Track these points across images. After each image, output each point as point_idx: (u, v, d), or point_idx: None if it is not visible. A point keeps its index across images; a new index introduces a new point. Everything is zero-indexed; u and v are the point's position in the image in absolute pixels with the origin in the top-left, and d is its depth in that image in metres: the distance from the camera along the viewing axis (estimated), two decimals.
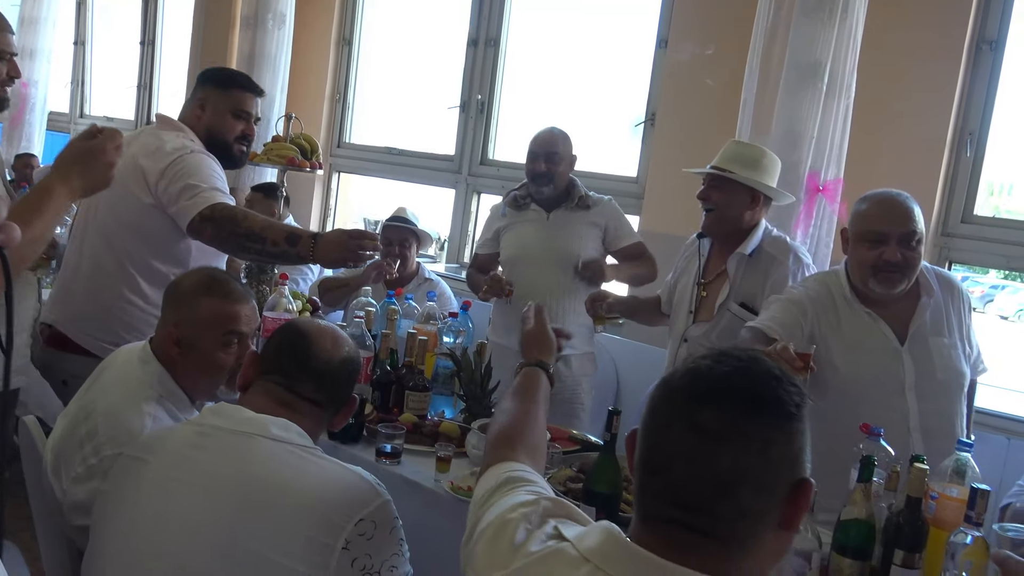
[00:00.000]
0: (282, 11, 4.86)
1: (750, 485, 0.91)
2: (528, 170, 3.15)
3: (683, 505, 0.93)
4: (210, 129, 2.49)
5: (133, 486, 1.45)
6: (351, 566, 1.33)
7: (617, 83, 4.12)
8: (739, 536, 0.92)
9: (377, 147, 5.00)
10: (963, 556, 1.50)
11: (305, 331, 1.57)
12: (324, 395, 1.53)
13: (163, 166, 2.31)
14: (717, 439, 0.92)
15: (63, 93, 7.03)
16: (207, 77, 2.58)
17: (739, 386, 0.94)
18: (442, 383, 2.49)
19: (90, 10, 6.91)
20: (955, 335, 2.20)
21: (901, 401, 2.14)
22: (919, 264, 2.15)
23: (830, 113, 2.92)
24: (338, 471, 1.42)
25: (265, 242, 2.24)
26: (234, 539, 1.32)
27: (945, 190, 3.07)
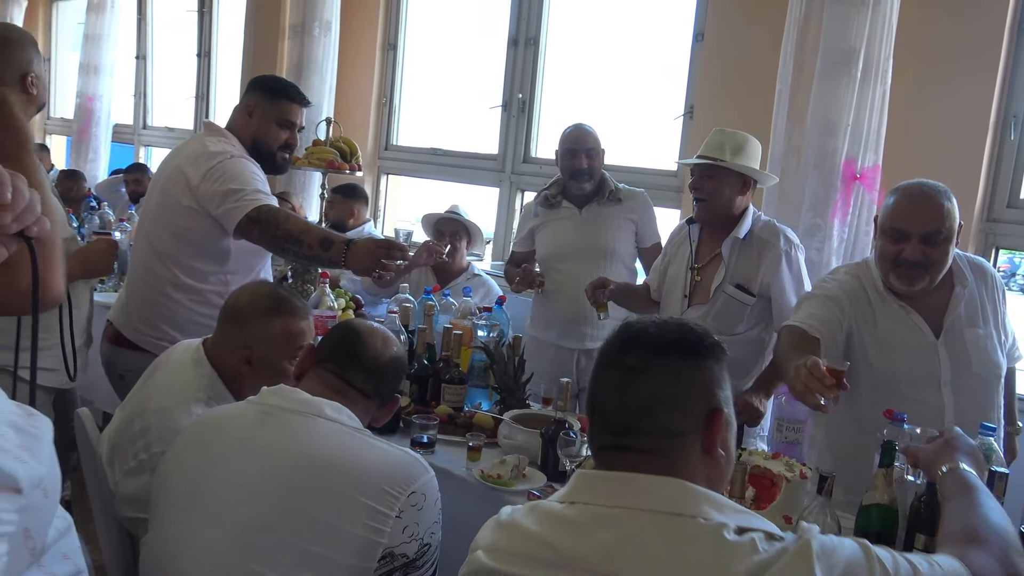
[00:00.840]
0: (328, 19, 4.98)
1: (665, 407, 1.12)
2: (566, 167, 3.20)
3: (615, 430, 1.15)
4: (256, 137, 2.58)
5: (196, 453, 1.57)
6: (402, 532, 1.47)
7: (656, 77, 4.13)
8: (662, 451, 1.12)
9: (423, 148, 5.09)
10: None
11: (359, 329, 1.73)
12: (372, 387, 1.68)
13: (204, 170, 2.41)
14: (637, 373, 1.14)
15: (127, 106, 7.31)
16: (257, 85, 2.66)
17: (654, 333, 1.17)
18: (477, 376, 2.55)
19: (150, 25, 7.18)
20: (990, 324, 2.15)
21: (936, 396, 2.09)
22: (945, 261, 2.08)
23: (866, 100, 2.90)
24: (390, 449, 1.56)
25: (301, 245, 2.34)
26: (294, 505, 1.45)
27: (990, 175, 3.01)
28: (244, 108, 2.60)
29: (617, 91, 4.29)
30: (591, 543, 1.07)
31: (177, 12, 6.80)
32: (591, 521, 1.10)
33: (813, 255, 2.94)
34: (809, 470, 1.77)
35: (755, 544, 1.02)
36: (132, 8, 7.16)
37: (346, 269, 2.43)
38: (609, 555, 1.05)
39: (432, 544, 1.56)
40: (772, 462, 1.81)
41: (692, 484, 1.09)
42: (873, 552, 1.06)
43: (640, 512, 1.07)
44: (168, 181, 2.49)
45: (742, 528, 1.05)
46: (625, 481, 1.11)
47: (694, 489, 1.08)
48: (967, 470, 1.37)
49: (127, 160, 6.50)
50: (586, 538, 1.08)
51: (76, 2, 7.81)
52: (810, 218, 2.96)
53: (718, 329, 2.63)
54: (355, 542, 1.44)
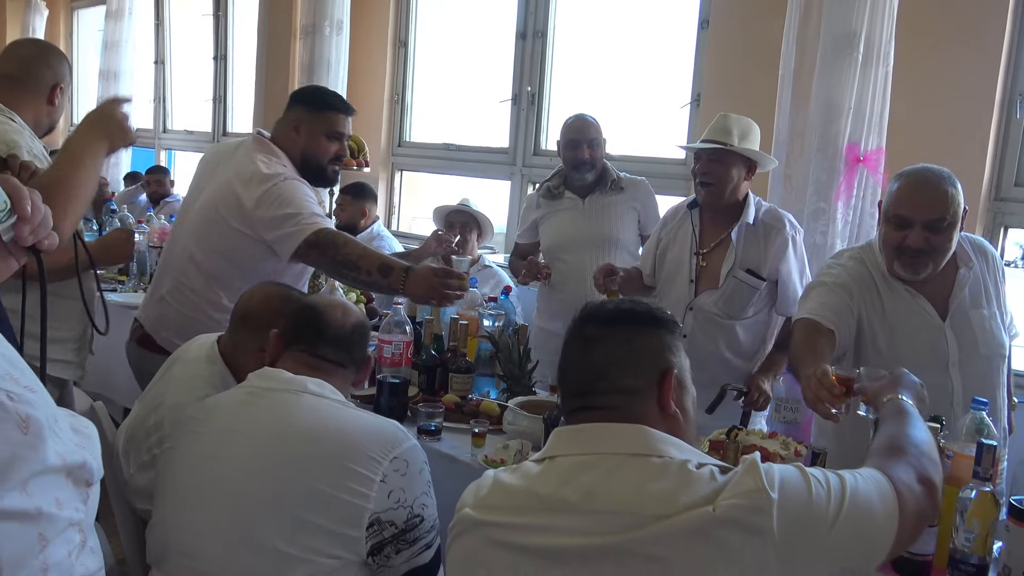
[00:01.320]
0: (339, 18, 5.04)
1: (618, 368, 1.25)
2: (568, 158, 3.23)
3: (578, 393, 1.28)
4: (305, 152, 2.50)
5: (193, 439, 1.65)
6: (388, 497, 1.52)
7: (662, 66, 4.14)
8: (619, 407, 1.24)
9: (435, 144, 5.14)
10: (969, 512, 1.52)
11: (317, 306, 1.77)
12: (344, 356, 1.74)
13: (259, 194, 2.34)
14: (593, 341, 1.28)
15: (147, 110, 7.44)
16: (300, 99, 2.58)
17: (610, 307, 1.32)
18: (484, 365, 2.60)
19: (167, 30, 7.30)
20: (993, 304, 2.15)
21: (944, 378, 2.09)
22: (948, 247, 2.07)
23: (868, 82, 2.89)
24: (373, 418, 1.64)
25: (359, 271, 2.29)
26: (286, 475, 1.51)
27: (996, 154, 2.99)
28: (290, 123, 2.52)
29: (625, 81, 4.31)
30: (574, 487, 1.18)
31: (193, 16, 6.91)
32: (571, 469, 1.21)
33: (818, 239, 2.95)
34: (804, 448, 1.79)
35: (713, 474, 1.16)
36: (149, 14, 7.28)
37: (404, 297, 2.39)
38: (591, 494, 1.17)
39: (424, 517, 1.59)
40: (768, 441, 1.84)
41: (653, 430, 1.22)
42: (807, 470, 1.19)
43: (611, 455, 1.20)
44: (218, 199, 2.42)
45: (701, 463, 1.18)
46: (593, 431, 1.24)
47: (656, 434, 1.21)
48: (904, 399, 1.51)
49: (148, 163, 6.61)
50: (567, 484, 1.19)
51: (96, 10, 7.95)
52: (814, 202, 2.96)
53: (728, 314, 2.65)
54: (343, 507, 1.50)
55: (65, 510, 0.65)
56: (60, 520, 0.65)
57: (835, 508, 1.14)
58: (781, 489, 1.13)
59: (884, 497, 1.19)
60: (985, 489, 1.51)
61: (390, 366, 2.45)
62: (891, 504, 1.19)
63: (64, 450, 0.66)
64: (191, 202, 2.57)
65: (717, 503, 1.11)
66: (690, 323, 2.69)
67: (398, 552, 1.56)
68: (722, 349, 2.69)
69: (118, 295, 3.64)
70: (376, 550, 1.53)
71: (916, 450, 1.32)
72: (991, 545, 1.55)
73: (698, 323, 2.69)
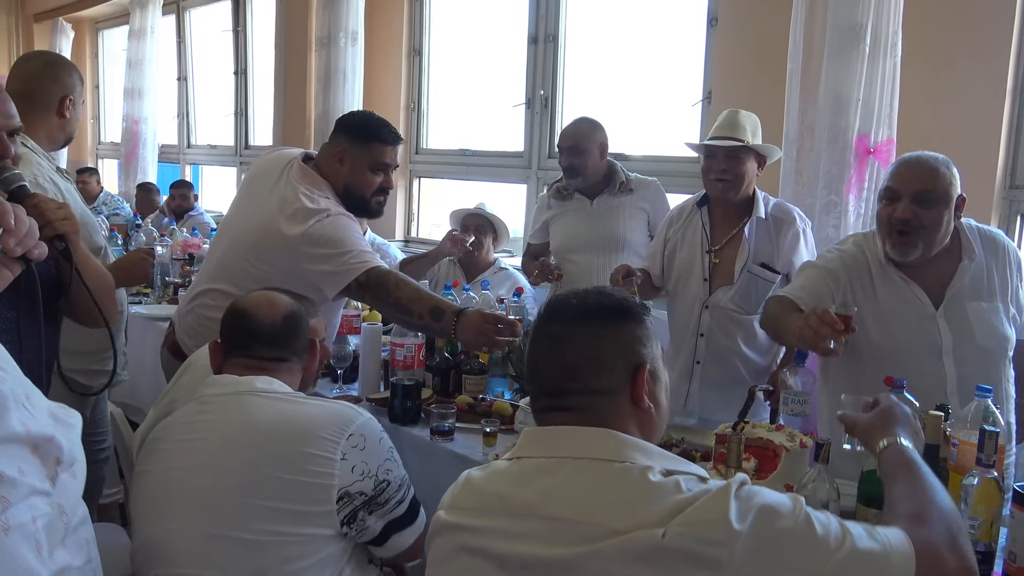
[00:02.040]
0: (354, 29, 5.11)
1: (590, 368, 1.23)
2: (560, 162, 3.31)
3: (548, 393, 1.26)
4: (348, 185, 2.44)
5: (158, 457, 1.71)
6: (351, 472, 1.59)
7: (673, 65, 4.15)
8: (591, 408, 1.23)
9: (451, 150, 5.18)
10: (973, 499, 1.51)
11: (244, 307, 1.79)
12: (283, 351, 1.77)
13: (303, 231, 2.29)
14: (561, 340, 1.25)
15: (171, 126, 7.58)
16: (344, 129, 2.48)
17: (575, 303, 1.28)
18: (497, 366, 2.62)
19: (188, 47, 7.43)
20: (997, 298, 2.12)
21: (938, 367, 2.09)
22: (938, 226, 2.06)
23: (876, 74, 2.88)
24: (323, 403, 1.70)
25: (412, 314, 2.29)
26: (247, 471, 1.58)
27: (1010, 142, 2.96)
28: (334, 154, 2.44)
29: (636, 81, 4.32)
30: (533, 490, 1.18)
31: (213, 32, 7.03)
32: (533, 471, 1.21)
33: (830, 232, 2.94)
34: (810, 440, 1.79)
35: (679, 485, 1.11)
36: (171, 32, 7.42)
37: (457, 341, 2.36)
38: (548, 498, 1.16)
39: (390, 481, 1.66)
40: (775, 433, 1.84)
41: (621, 434, 1.20)
42: (802, 504, 1.10)
43: (573, 460, 1.18)
44: (260, 230, 2.36)
45: (669, 471, 1.14)
46: (560, 434, 1.23)
47: (623, 438, 1.19)
48: (906, 445, 1.37)
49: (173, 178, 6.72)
50: (528, 486, 1.19)
51: (120, 30, 8.12)
52: (826, 195, 2.95)
53: (744, 308, 2.66)
54: (309, 490, 1.57)
55: (28, 478, 0.69)
56: (22, 485, 0.69)
57: (834, 548, 1.07)
58: (757, 520, 1.06)
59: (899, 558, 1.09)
60: (988, 476, 1.51)
61: (403, 369, 2.49)
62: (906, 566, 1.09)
63: (30, 422, 0.70)
64: (231, 219, 2.56)
65: (668, 528, 1.06)
66: (707, 321, 2.70)
67: (371, 513, 1.64)
68: (740, 345, 2.69)
69: (143, 307, 3.73)
70: (350, 519, 1.61)
71: (947, 522, 1.19)
72: (996, 532, 1.54)
73: (715, 320, 2.70)
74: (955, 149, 2.98)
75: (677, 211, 2.88)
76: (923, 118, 3.00)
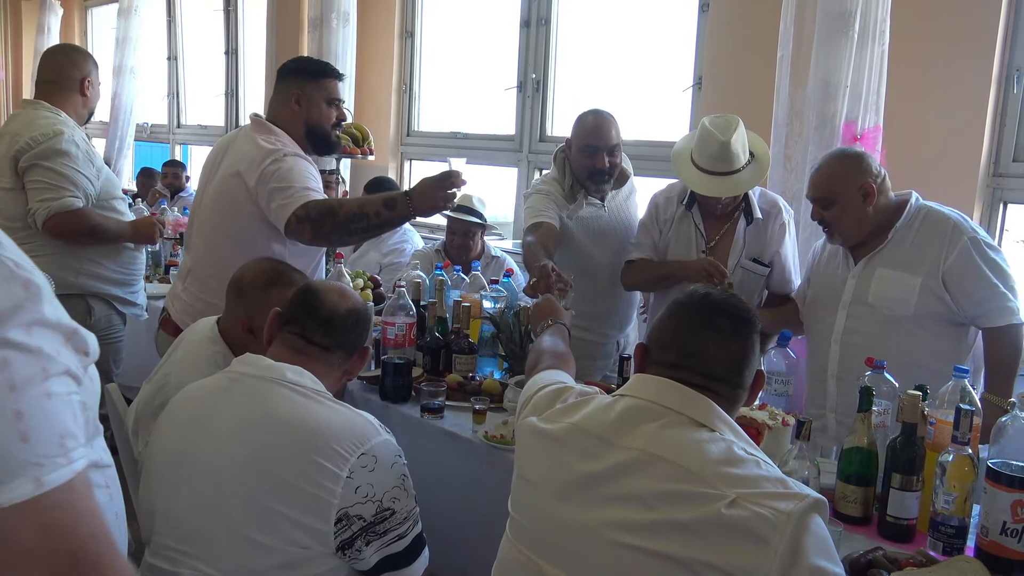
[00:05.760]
0: (345, 10, 5.09)
1: (749, 367, 1.39)
2: (586, 165, 2.83)
3: (710, 376, 1.36)
4: (309, 122, 2.54)
5: (175, 420, 1.69)
6: (355, 492, 1.53)
7: (664, 50, 4.16)
8: (731, 398, 1.38)
9: (443, 133, 5.19)
10: (948, 475, 1.56)
11: (316, 287, 1.79)
12: (332, 340, 1.74)
13: (260, 171, 2.38)
14: (729, 334, 1.38)
15: (161, 106, 7.54)
16: (293, 72, 2.59)
17: (733, 304, 1.42)
18: (487, 346, 2.65)
19: (179, 26, 7.38)
20: (920, 273, 2.28)
21: (832, 315, 2.42)
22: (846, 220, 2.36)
23: (864, 60, 2.91)
24: (345, 412, 1.62)
25: (368, 217, 2.34)
26: (256, 463, 1.54)
27: (994, 129, 3.00)
28: (288, 98, 2.54)
29: (627, 66, 4.34)
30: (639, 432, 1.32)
31: (204, 12, 6.99)
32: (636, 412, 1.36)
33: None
34: (791, 418, 1.84)
35: (759, 463, 1.25)
36: (161, 10, 7.37)
37: (416, 216, 2.43)
38: (654, 439, 1.29)
39: (396, 511, 1.57)
40: (758, 412, 1.88)
41: (722, 411, 1.35)
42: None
43: (675, 413, 1.33)
44: (225, 185, 2.47)
45: (751, 453, 1.28)
46: (674, 389, 1.36)
47: (721, 413, 1.34)
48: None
49: (163, 158, 6.70)
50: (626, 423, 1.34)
51: (109, 8, 8.05)
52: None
53: None
54: (310, 500, 1.50)
55: (62, 358, 0.73)
56: (58, 363, 0.73)
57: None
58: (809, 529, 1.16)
59: None
60: (963, 453, 1.56)
61: (394, 347, 2.52)
62: None
63: (61, 315, 0.74)
64: (201, 195, 2.62)
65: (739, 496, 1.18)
66: None
67: (368, 544, 1.55)
68: None
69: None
70: (346, 545, 1.53)
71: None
72: (970, 507, 1.59)
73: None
74: (940, 136, 3.04)
75: (663, 202, 2.83)
76: (909, 105, 3.04)
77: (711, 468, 1.22)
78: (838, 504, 1.77)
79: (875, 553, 1.53)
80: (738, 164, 2.60)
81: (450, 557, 2.01)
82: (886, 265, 2.34)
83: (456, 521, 2.14)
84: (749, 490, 1.18)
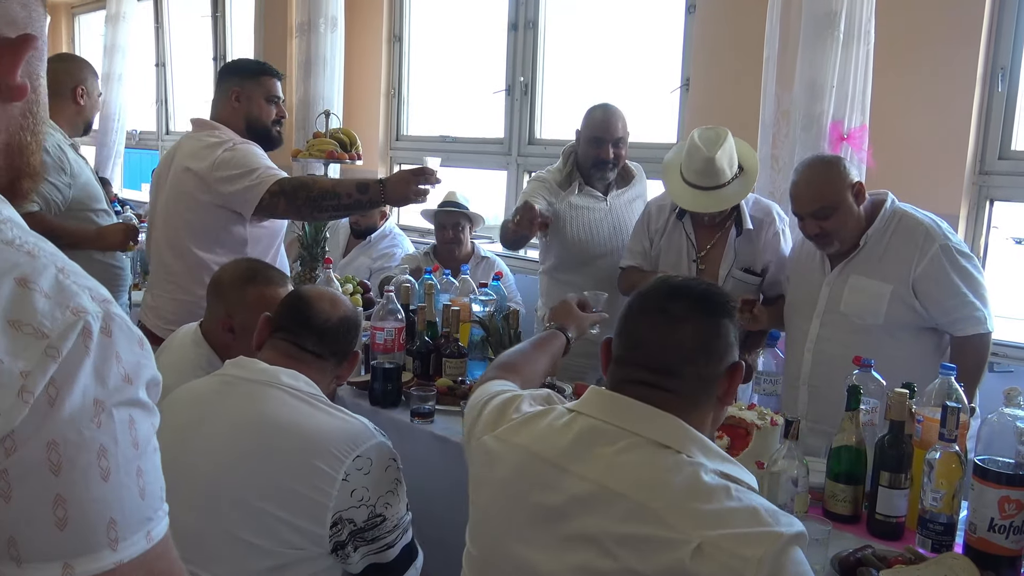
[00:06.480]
0: (333, 15, 5.09)
1: (706, 354, 1.23)
2: (590, 155, 3.01)
3: (655, 369, 1.23)
4: (249, 118, 2.67)
5: (167, 423, 1.65)
6: (350, 496, 1.52)
7: (652, 52, 4.17)
8: (692, 396, 1.23)
9: (432, 137, 5.19)
10: (936, 472, 1.57)
11: (306, 295, 1.78)
12: (325, 349, 1.74)
13: (212, 161, 2.50)
14: (681, 319, 1.23)
15: (149, 113, 7.51)
16: (232, 71, 2.76)
17: (693, 287, 1.29)
18: (477, 350, 2.65)
19: (166, 33, 7.36)
20: (891, 280, 2.28)
21: (807, 323, 2.42)
22: (846, 224, 2.34)
23: (850, 60, 2.93)
24: (341, 415, 1.62)
25: (340, 196, 2.45)
26: (252, 467, 1.53)
27: (980, 128, 3.02)
28: (227, 96, 2.68)
29: (615, 67, 4.34)
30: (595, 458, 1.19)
31: (192, 18, 6.97)
32: (590, 433, 1.22)
33: None
34: (780, 418, 1.84)
35: (730, 492, 1.10)
36: (149, 17, 7.35)
37: (386, 204, 2.53)
38: (612, 469, 1.17)
39: (387, 517, 1.57)
40: (746, 412, 1.89)
41: (688, 426, 1.19)
42: None
43: (632, 435, 1.19)
44: (177, 184, 2.59)
45: (724, 474, 1.14)
46: (631, 407, 1.22)
47: (688, 431, 1.19)
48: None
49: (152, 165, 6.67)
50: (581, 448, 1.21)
51: (97, 15, 8.02)
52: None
53: None
54: (307, 504, 1.50)
55: (157, 412, 0.80)
56: (158, 417, 0.80)
57: None
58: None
59: None
60: (950, 450, 1.56)
61: (383, 352, 2.51)
62: None
63: (156, 368, 0.80)
64: (156, 205, 2.72)
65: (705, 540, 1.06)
66: None
67: (356, 549, 1.55)
68: None
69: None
70: (339, 547, 1.54)
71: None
72: (958, 504, 1.60)
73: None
74: (926, 135, 3.05)
75: (656, 210, 2.87)
76: (895, 104, 3.05)
77: (674, 505, 1.10)
78: (827, 503, 1.78)
79: (864, 551, 1.54)
80: (723, 179, 2.60)
81: (439, 561, 2.01)
82: (859, 272, 2.34)
83: (446, 525, 2.13)
84: (717, 532, 1.06)
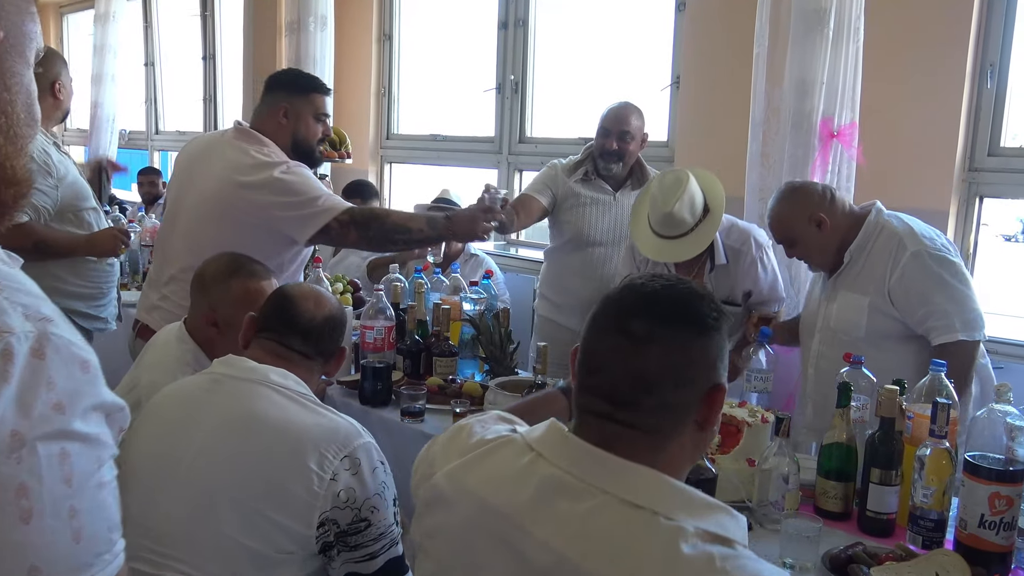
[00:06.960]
0: (323, 13, 5.06)
1: (671, 382, 1.03)
2: (598, 145, 3.15)
3: (613, 400, 1.04)
4: (296, 137, 2.51)
5: (155, 421, 1.65)
6: (337, 496, 1.50)
7: (642, 50, 4.17)
8: (661, 429, 1.04)
9: (422, 135, 5.18)
10: (926, 469, 1.56)
11: (291, 295, 1.76)
12: (311, 348, 1.72)
13: (268, 180, 2.34)
14: (643, 340, 1.03)
15: (138, 112, 7.48)
16: (281, 84, 2.57)
17: (663, 299, 1.06)
18: (467, 348, 2.65)
19: (155, 32, 7.33)
20: (872, 292, 2.30)
21: (811, 341, 2.46)
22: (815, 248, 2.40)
23: (839, 58, 2.93)
24: (330, 415, 1.60)
25: (411, 232, 2.44)
26: (241, 466, 1.52)
27: (969, 124, 3.02)
28: (276, 111, 2.50)
29: (605, 66, 4.34)
30: (558, 517, 1.02)
31: (181, 17, 6.95)
32: (553, 487, 1.04)
33: None
34: (770, 415, 1.84)
35: (712, 563, 0.93)
36: (138, 17, 7.31)
37: (454, 240, 2.61)
38: (577, 538, 0.99)
39: (372, 523, 1.53)
40: (737, 410, 1.88)
41: (662, 476, 1.01)
42: None
43: (603, 493, 1.00)
44: (216, 194, 2.40)
45: (708, 534, 0.96)
46: (604, 462, 1.03)
47: (663, 482, 1.01)
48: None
49: (141, 165, 6.65)
50: (543, 504, 1.03)
51: (85, 14, 7.99)
52: (790, 178, 2.99)
53: None
54: (296, 504, 1.47)
55: (109, 440, 0.73)
56: (108, 448, 0.73)
57: None
58: None
59: None
60: (941, 447, 1.56)
61: (373, 351, 2.50)
62: None
63: (107, 391, 0.74)
64: (179, 201, 2.55)
65: None
66: None
67: (338, 554, 1.52)
68: None
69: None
70: (327, 548, 1.52)
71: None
72: (948, 501, 1.60)
73: None
74: (916, 132, 3.06)
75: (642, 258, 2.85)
76: (885, 102, 3.05)
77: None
78: (818, 500, 1.78)
79: (855, 548, 1.54)
80: (685, 227, 2.60)
81: None
82: (846, 287, 2.37)
83: None
84: None
